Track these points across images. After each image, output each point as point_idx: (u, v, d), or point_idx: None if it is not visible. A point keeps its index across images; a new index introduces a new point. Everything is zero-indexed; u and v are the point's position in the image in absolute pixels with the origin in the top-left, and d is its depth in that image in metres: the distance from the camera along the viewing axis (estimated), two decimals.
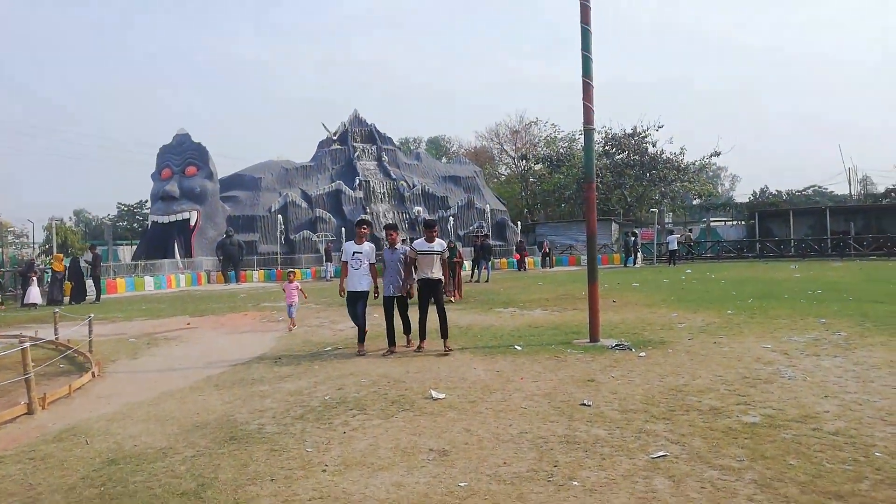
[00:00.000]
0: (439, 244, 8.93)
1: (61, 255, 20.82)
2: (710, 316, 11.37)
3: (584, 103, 8.68)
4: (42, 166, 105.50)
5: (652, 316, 11.66)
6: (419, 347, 8.87)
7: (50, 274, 20.64)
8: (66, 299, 19.76)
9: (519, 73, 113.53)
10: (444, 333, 8.68)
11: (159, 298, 21.07)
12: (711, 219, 43.85)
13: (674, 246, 31.81)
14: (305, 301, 16.85)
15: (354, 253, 8.82)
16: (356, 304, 8.83)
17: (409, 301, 9.11)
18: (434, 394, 6.17)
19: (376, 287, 8.98)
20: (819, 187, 53.48)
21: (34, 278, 19.34)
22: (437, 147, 68.46)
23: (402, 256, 8.89)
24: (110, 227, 32.91)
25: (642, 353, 7.86)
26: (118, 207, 50.16)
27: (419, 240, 9.09)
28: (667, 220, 45.25)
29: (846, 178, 54.30)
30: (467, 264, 28.40)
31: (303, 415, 5.71)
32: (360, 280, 8.80)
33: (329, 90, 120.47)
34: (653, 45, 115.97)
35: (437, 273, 8.78)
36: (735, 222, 43.63)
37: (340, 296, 9.15)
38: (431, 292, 8.82)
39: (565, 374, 6.94)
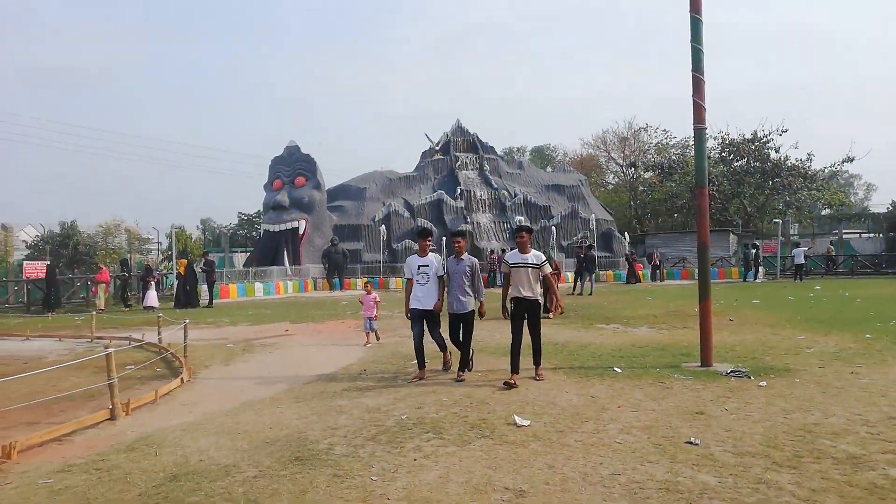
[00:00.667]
0: (535, 256, 7.61)
1: (185, 260, 22.01)
2: (845, 340, 10.00)
3: (693, 100, 7.83)
4: (177, 178, 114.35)
5: (775, 338, 10.43)
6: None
7: (172, 278, 21.92)
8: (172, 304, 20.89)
9: (628, 85, 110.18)
10: (537, 360, 7.64)
11: (267, 304, 21.76)
12: (844, 231, 39.95)
13: (800, 260, 29.16)
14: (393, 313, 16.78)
15: (420, 266, 7.92)
16: (420, 323, 7.96)
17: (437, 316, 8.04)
18: (518, 420, 5.60)
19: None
20: None
21: (152, 282, 20.55)
22: (542, 156, 67.39)
23: (467, 268, 7.85)
24: (227, 235, 34.84)
25: (762, 383, 6.88)
26: (238, 216, 53.35)
27: (512, 251, 7.99)
28: (792, 232, 41.81)
29: None
30: (570, 275, 27.46)
31: (375, 435, 5.33)
32: (426, 297, 7.89)
33: (434, 103, 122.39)
34: (785, 46, 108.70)
35: (533, 292, 7.52)
36: (871, 235, 39.52)
37: (407, 317, 8.14)
38: (525, 314, 7.56)
39: (670, 403, 6.15)
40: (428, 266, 7.89)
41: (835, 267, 32.02)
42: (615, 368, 7.92)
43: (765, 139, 40.99)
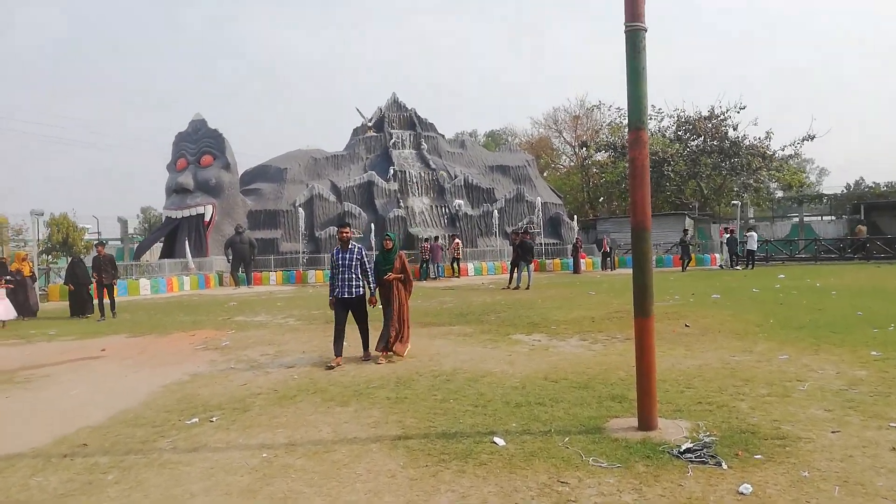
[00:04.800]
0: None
1: (24, 252, 17.64)
2: (846, 362, 7.01)
3: None
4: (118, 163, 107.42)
5: (747, 360, 7.37)
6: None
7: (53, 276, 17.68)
8: (36, 309, 16.65)
9: (581, 58, 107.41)
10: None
11: (142, 306, 18.05)
12: (805, 214, 37.81)
13: (753, 245, 26.65)
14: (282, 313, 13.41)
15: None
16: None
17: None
18: None
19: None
20: None
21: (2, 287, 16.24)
22: (496, 141, 63.99)
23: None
24: (125, 223, 30.53)
25: (745, 487, 3.69)
26: None
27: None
28: (749, 216, 39.57)
29: None
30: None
31: None
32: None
33: (377, 86, 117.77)
34: (729, 24, 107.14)
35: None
36: (832, 218, 37.51)
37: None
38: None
39: None
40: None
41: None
42: (496, 440, 4.68)
43: (722, 116, 38.57)
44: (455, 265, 26.87)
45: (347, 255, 8.02)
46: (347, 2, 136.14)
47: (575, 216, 35.22)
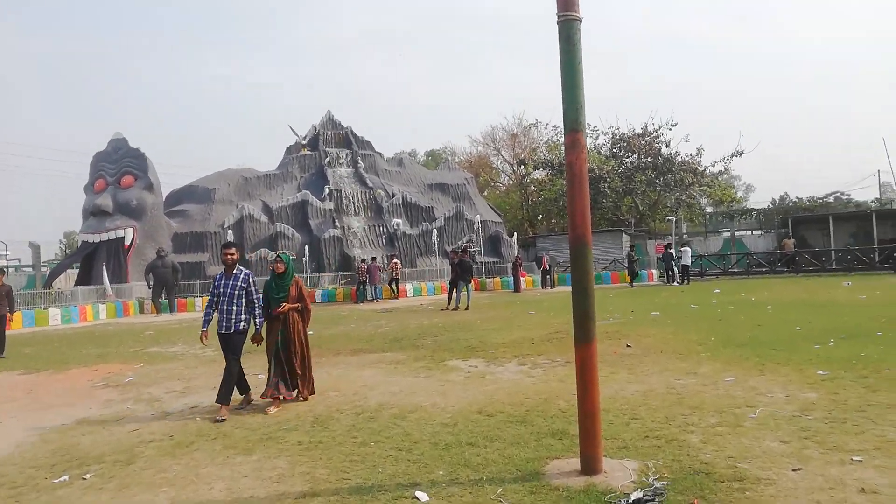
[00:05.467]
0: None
1: None
2: (793, 382, 6.66)
3: None
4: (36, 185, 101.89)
5: (693, 383, 6.94)
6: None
7: None
8: None
9: (518, 79, 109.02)
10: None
11: (48, 338, 16.53)
12: (736, 229, 38.83)
13: (687, 260, 26.98)
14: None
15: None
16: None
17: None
18: None
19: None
20: (842, 193, 48.36)
21: None
22: (437, 160, 63.68)
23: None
24: (37, 248, 28.09)
25: None
26: None
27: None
28: (683, 231, 40.38)
29: (878, 181, 49.36)
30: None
31: None
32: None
33: (312, 108, 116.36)
34: (652, 50, 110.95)
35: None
36: (762, 232, 38.65)
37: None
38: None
39: None
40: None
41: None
42: (417, 494, 3.98)
43: (655, 133, 39.36)
44: (394, 286, 26.11)
45: (231, 282, 6.72)
46: (277, 32, 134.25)
47: (515, 234, 35.07)
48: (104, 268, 24.20)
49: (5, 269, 16.15)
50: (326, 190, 30.28)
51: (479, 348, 10.36)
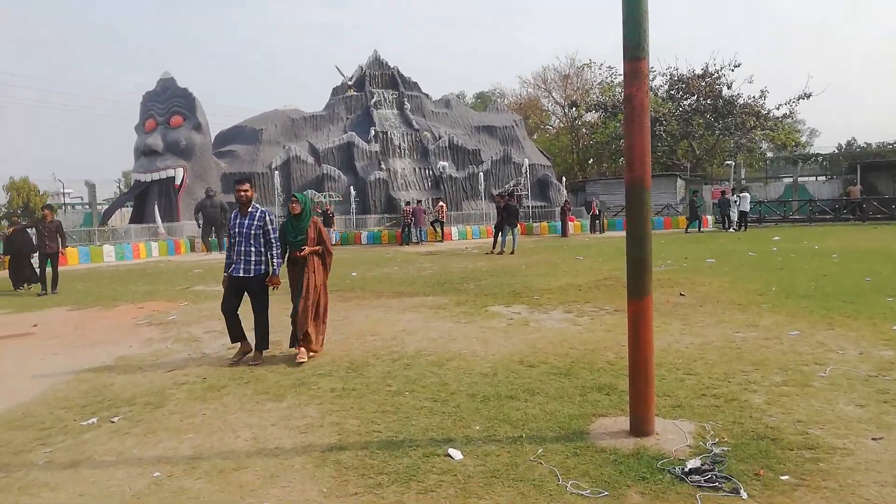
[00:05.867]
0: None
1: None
2: (866, 338, 6.09)
3: None
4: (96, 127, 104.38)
5: (753, 336, 6.44)
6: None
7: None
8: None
9: (572, 18, 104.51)
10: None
11: (102, 274, 16.94)
12: (798, 175, 36.79)
13: (745, 206, 25.72)
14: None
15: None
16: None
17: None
18: None
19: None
20: None
21: None
22: (485, 102, 62.00)
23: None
24: (92, 187, 28.80)
25: None
26: None
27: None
28: (741, 176, 38.56)
29: None
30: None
31: None
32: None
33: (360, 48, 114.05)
34: None
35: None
36: (826, 178, 36.57)
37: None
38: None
39: None
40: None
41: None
42: (451, 452, 3.71)
43: (716, 74, 37.25)
44: (439, 229, 25.83)
45: (247, 222, 6.19)
46: None
47: (563, 178, 34.13)
48: (156, 207, 24.60)
49: (54, 207, 16.46)
50: (372, 132, 29.84)
51: (523, 294, 10.00)
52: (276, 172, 26.79)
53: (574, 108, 44.63)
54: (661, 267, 12.95)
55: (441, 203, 26.63)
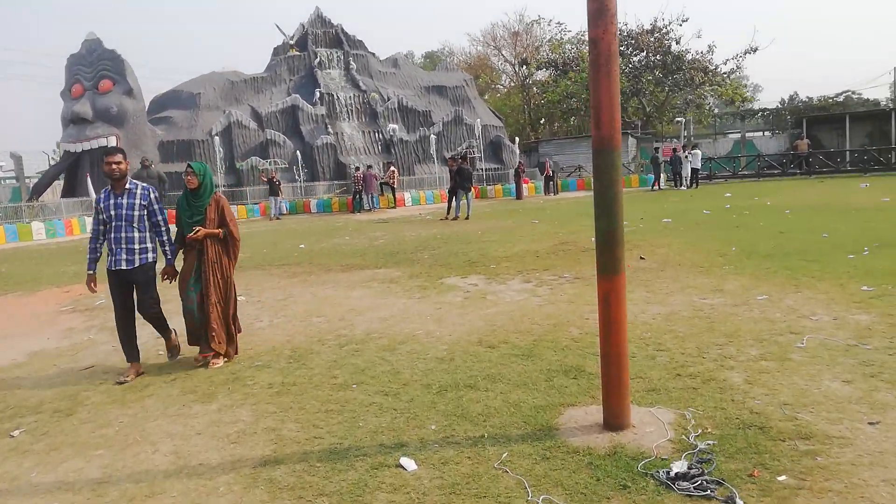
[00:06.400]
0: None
1: None
2: (837, 301, 5.85)
3: None
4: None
5: (721, 303, 6.13)
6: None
7: None
8: None
9: None
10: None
11: (29, 254, 15.77)
12: (746, 130, 37.14)
13: (697, 163, 25.86)
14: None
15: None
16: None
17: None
18: None
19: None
20: (853, 92, 46.04)
21: None
22: (434, 63, 60.47)
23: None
24: (19, 159, 26.65)
25: None
26: None
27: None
28: (690, 133, 38.75)
29: (894, 79, 46.95)
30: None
31: None
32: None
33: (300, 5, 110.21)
34: None
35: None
36: (772, 133, 37.04)
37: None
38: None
39: None
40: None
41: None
42: (402, 461, 3.21)
43: (665, 30, 37.03)
44: (390, 194, 25.14)
45: (125, 201, 4.90)
46: None
47: (517, 139, 33.64)
48: (88, 178, 23.13)
49: None
50: (318, 94, 28.64)
51: (480, 263, 9.55)
52: (217, 139, 25.49)
53: (525, 67, 43.96)
54: None
55: (392, 168, 25.87)
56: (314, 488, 3.01)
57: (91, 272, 5.17)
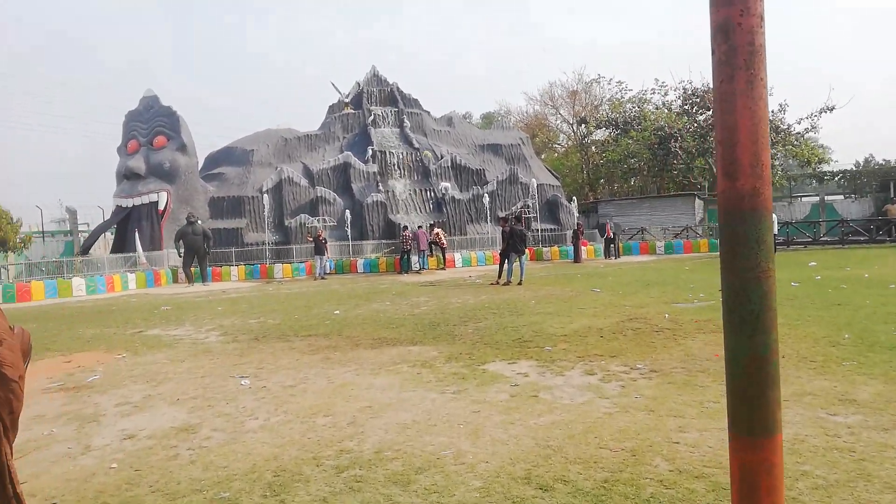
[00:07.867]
0: None
1: None
2: None
3: None
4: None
5: (860, 421, 4.46)
6: None
7: None
8: None
9: (579, 33, 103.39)
10: None
11: (62, 312, 15.15)
12: (825, 193, 34.71)
13: (774, 229, 23.69)
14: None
15: None
16: None
17: None
18: None
19: None
20: None
21: None
22: (492, 122, 60.29)
23: None
24: (73, 213, 27.00)
25: None
26: None
27: None
28: None
29: None
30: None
31: None
32: None
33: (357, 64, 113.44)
34: None
35: None
36: (854, 196, 34.43)
37: None
38: None
39: None
40: None
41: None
42: None
43: None
44: (440, 254, 23.99)
45: None
46: None
47: (574, 199, 32.26)
48: (136, 234, 22.94)
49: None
50: (370, 151, 28.17)
51: (532, 342, 8.06)
52: (266, 196, 25.09)
53: (583, 125, 42.92)
54: (693, 303, 11.01)
55: (437, 229, 24.80)
56: None
57: None
